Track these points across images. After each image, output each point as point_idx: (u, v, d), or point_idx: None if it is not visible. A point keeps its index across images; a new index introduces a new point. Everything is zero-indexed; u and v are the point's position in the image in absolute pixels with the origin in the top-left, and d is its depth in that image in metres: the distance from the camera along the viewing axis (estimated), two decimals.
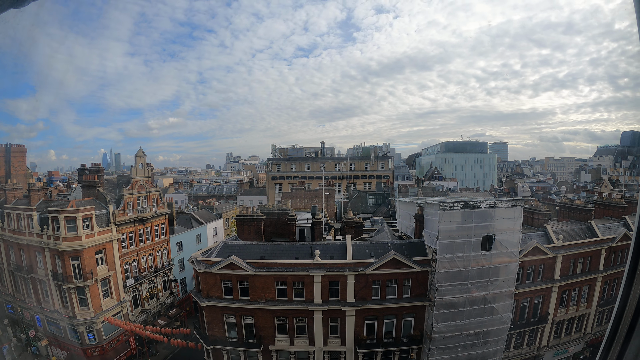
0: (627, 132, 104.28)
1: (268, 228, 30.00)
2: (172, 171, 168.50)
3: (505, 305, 23.91)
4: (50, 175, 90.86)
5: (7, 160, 46.52)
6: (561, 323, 29.40)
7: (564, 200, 40.67)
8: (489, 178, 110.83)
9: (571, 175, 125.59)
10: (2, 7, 2.23)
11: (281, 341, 24.33)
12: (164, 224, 39.15)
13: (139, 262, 35.63)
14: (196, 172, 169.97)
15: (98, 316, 29.69)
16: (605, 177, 56.27)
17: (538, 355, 29.05)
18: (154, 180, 40.30)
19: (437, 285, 22.54)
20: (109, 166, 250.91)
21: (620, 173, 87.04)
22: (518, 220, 23.30)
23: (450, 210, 22.35)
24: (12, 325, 34.58)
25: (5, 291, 34.41)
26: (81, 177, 33.79)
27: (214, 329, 24.50)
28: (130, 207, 34.67)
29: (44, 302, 31.27)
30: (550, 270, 27.58)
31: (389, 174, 63.29)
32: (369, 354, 24.34)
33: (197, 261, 24.11)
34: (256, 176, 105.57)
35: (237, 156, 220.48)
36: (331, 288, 23.61)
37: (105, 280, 30.99)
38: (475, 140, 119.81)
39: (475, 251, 22.65)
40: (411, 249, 24.64)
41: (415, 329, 24.34)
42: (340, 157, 71.82)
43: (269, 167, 66.63)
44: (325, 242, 27.96)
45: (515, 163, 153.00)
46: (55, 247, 28.60)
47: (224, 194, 76.25)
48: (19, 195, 34.09)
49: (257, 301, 23.63)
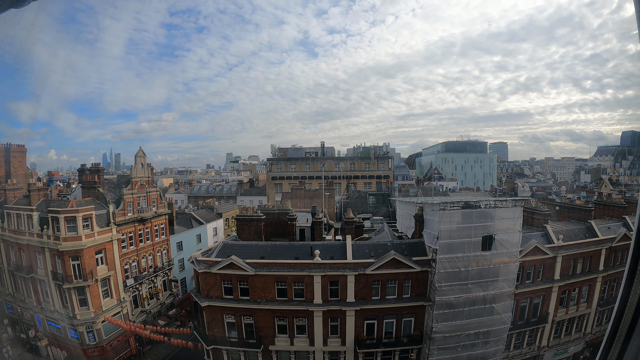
0: (627, 132, 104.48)
1: (268, 228, 30.00)
2: (172, 171, 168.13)
3: (505, 305, 23.92)
4: (50, 175, 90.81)
5: (7, 160, 46.49)
6: (561, 323, 29.40)
7: (564, 200, 40.70)
8: (489, 178, 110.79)
9: (571, 175, 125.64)
10: (2, 7, 2.23)
11: (281, 341, 24.33)
12: (164, 224, 39.16)
13: (139, 262, 35.64)
14: (196, 172, 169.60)
15: (98, 316, 29.70)
16: (605, 177, 56.29)
17: (538, 355, 29.05)
18: (154, 180, 40.30)
19: (437, 285, 22.54)
20: (108, 166, 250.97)
21: (620, 173, 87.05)
22: (518, 220, 23.31)
23: (450, 210, 22.35)
24: (12, 325, 34.59)
25: (5, 291, 34.41)
26: (81, 177, 33.81)
27: (214, 329, 24.50)
28: (130, 207, 34.68)
29: (44, 302, 31.27)
30: (550, 270, 27.58)
31: (389, 174, 63.31)
32: (369, 354, 24.33)
33: (197, 261, 24.11)
34: (256, 176, 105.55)
35: (237, 156, 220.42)
36: (331, 288, 23.62)
37: (105, 280, 31.01)
38: (475, 140, 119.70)
39: (475, 251, 22.66)
40: (411, 249, 24.64)
41: (415, 329, 24.34)
42: (340, 157, 71.81)
43: (269, 167, 66.65)
44: (325, 242, 27.96)
45: (515, 163, 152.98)
46: (55, 247, 28.61)
47: (224, 194, 76.22)
48: (19, 195, 34.10)
49: (257, 301, 23.63)
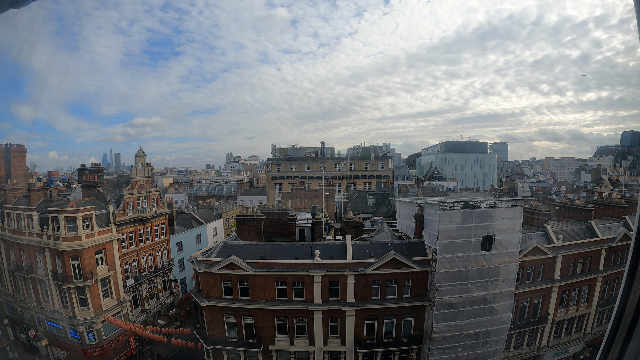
0: (627, 132, 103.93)
1: (268, 228, 30.00)
2: (172, 171, 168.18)
3: (505, 305, 23.91)
4: (50, 175, 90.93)
5: (7, 160, 46.41)
6: (561, 323, 29.40)
7: (564, 200, 40.70)
8: (489, 178, 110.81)
9: (571, 175, 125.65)
10: (2, 7, 2.23)
11: (281, 341, 24.33)
12: (164, 224, 39.16)
13: (139, 262, 35.63)
14: (196, 172, 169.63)
15: (98, 316, 29.69)
16: (605, 177, 56.36)
17: (538, 355, 29.05)
18: (153, 180, 40.31)
19: (437, 285, 22.54)
20: (108, 166, 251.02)
21: (620, 173, 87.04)
22: (518, 220, 23.30)
23: (450, 210, 22.34)
24: (12, 325, 34.59)
25: (5, 291, 34.41)
26: (81, 177, 33.80)
27: (214, 329, 24.50)
28: (130, 207, 34.67)
29: (44, 302, 31.27)
30: (550, 270, 27.58)
31: (389, 174, 63.30)
32: (369, 354, 24.34)
33: (197, 261, 24.11)
34: (256, 176, 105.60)
35: (237, 156, 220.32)
36: (331, 288, 23.62)
37: (105, 280, 31.00)
38: (475, 140, 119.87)
39: (475, 251, 22.65)
40: (411, 249, 24.63)
41: (415, 329, 24.34)
42: (340, 157, 71.75)
43: (269, 167, 66.64)
44: (325, 242, 27.95)
45: (515, 163, 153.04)
46: (55, 247, 28.60)
47: (224, 194, 76.22)
48: (19, 195, 34.10)
49: (257, 301, 23.62)
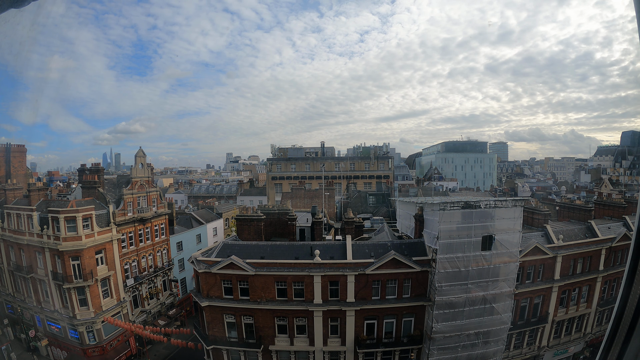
0: (627, 132, 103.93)
1: (268, 228, 29.99)
2: (172, 171, 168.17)
3: (505, 305, 23.91)
4: (50, 175, 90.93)
5: (7, 160, 46.36)
6: (561, 323, 29.40)
7: (564, 200, 40.65)
8: (489, 178, 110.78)
9: (571, 175, 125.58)
10: (2, 7, 2.23)
11: (281, 341, 24.33)
12: (164, 224, 39.16)
13: (139, 262, 35.63)
14: (196, 172, 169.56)
15: (98, 316, 29.69)
16: (605, 177, 56.37)
17: (538, 355, 29.05)
18: (153, 180, 40.31)
19: (437, 285, 22.54)
20: (109, 166, 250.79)
21: (620, 173, 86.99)
22: (518, 220, 23.30)
23: (450, 210, 22.34)
24: (12, 325, 34.59)
25: (5, 291, 34.40)
26: (81, 177, 33.80)
27: (214, 329, 24.49)
28: (130, 207, 34.67)
29: (44, 302, 31.27)
30: (550, 270, 27.58)
31: (389, 174, 63.29)
32: (369, 354, 24.33)
33: (197, 261, 24.10)
34: (256, 176, 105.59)
35: (237, 156, 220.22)
36: (331, 288, 23.61)
37: (105, 280, 31.00)
38: (476, 140, 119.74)
39: (475, 251, 22.65)
40: (411, 249, 24.63)
41: (415, 329, 24.33)
42: (340, 157, 71.76)
43: (269, 167, 66.62)
44: (325, 242, 27.95)
45: (516, 163, 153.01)
46: (55, 247, 28.60)
47: (224, 194, 76.21)
48: (19, 195, 34.10)
49: (257, 301, 23.62)
